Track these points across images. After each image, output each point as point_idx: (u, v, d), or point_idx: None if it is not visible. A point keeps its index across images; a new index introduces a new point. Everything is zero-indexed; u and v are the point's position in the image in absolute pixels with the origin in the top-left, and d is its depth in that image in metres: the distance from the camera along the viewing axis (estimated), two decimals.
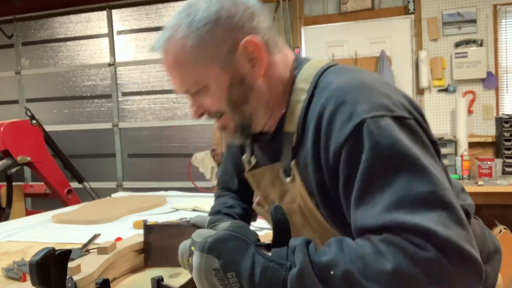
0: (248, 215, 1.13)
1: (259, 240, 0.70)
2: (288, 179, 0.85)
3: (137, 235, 1.23)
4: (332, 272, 0.62)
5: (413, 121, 0.73)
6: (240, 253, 0.66)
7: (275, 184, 0.90)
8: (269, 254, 0.67)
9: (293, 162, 0.83)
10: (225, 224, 0.71)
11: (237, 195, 1.14)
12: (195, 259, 0.66)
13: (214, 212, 1.09)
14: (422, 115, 0.78)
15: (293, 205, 0.88)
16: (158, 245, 1.16)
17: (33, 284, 0.73)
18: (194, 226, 0.90)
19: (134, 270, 1.16)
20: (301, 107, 0.81)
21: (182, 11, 0.81)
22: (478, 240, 0.79)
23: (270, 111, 0.86)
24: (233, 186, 1.15)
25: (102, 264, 0.99)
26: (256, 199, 1.09)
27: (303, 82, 0.83)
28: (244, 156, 1.03)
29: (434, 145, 0.77)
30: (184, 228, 1.18)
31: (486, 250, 0.89)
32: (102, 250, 1.06)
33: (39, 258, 0.72)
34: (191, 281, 0.98)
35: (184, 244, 0.77)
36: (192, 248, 0.70)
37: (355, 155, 0.69)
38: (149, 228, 1.18)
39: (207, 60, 0.79)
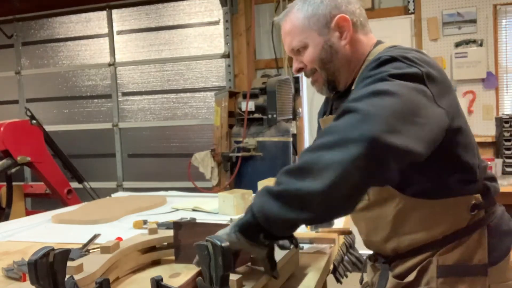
0: None
1: None
2: None
3: (140, 235, 1.23)
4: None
5: (420, 73, 0.89)
6: None
7: None
8: None
9: None
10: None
11: None
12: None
13: None
14: (436, 78, 0.93)
15: None
16: (187, 242, 1.18)
17: (32, 283, 0.73)
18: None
19: (137, 270, 1.16)
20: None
21: None
22: (480, 249, 1.03)
23: (350, 75, 1.14)
24: None
25: (104, 263, 0.99)
26: None
27: (374, 54, 1.08)
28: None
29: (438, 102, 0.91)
30: (210, 227, 1.23)
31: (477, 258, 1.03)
32: (105, 250, 1.06)
33: (37, 257, 0.72)
34: (191, 281, 0.98)
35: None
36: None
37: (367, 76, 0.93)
38: (178, 226, 1.20)
39: (310, 27, 1.11)
